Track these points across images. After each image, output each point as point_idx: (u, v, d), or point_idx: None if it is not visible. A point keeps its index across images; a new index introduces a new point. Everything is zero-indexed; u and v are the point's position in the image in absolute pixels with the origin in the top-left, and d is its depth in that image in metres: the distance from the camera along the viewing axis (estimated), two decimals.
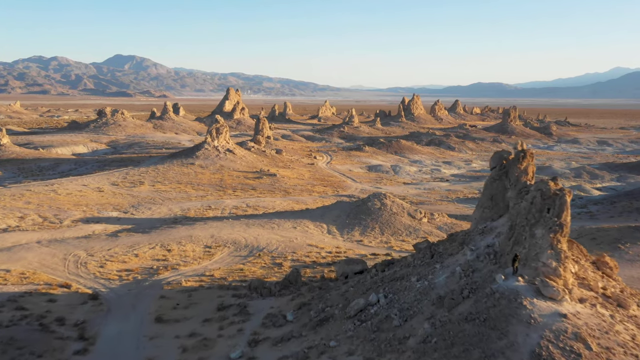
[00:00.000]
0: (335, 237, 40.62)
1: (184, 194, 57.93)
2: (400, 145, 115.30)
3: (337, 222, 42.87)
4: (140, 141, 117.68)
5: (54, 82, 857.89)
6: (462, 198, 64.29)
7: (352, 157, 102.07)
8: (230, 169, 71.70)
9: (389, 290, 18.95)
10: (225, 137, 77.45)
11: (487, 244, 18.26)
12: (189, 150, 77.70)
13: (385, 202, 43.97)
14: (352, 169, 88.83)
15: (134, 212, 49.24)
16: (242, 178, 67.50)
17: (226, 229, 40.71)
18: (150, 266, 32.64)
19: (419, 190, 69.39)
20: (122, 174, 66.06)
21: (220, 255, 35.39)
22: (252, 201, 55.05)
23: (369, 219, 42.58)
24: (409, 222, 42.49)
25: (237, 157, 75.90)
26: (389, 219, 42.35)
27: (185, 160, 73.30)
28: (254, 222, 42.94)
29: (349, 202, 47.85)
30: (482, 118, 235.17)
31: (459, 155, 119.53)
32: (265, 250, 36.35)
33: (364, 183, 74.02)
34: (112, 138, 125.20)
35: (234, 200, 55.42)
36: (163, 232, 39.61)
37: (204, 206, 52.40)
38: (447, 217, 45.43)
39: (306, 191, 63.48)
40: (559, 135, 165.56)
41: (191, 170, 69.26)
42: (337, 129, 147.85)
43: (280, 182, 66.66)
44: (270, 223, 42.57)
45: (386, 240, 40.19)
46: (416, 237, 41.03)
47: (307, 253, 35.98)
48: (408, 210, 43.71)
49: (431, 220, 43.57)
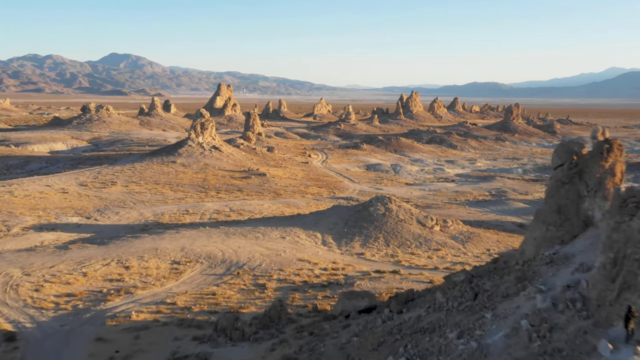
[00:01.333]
0: (331, 250, 34.05)
1: (160, 195, 51.21)
2: (400, 143, 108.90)
3: (333, 230, 36.30)
4: (124, 138, 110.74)
5: (49, 80, 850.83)
6: (473, 201, 57.88)
7: (349, 156, 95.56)
8: (216, 168, 64.98)
9: (414, 350, 12.48)
10: (210, 132, 70.71)
11: (566, 283, 11.87)
12: (171, 148, 70.93)
13: (390, 206, 37.43)
14: (349, 168, 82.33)
15: (97, 218, 42.50)
16: (228, 178, 60.80)
17: (201, 239, 34.05)
18: (99, 289, 25.96)
19: (423, 192, 62.91)
20: (93, 173, 59.24)
21: (190, 273, 28.74)
22: (237, 204, 48.39)
23: (372, 227, 36.03)
24: (418, 231, 35.97)
25: (223, 155, 69.18)
26: (395, 228, 35.82)
27: (166, 158, 66.54)
28: (236, 230, 36.29)
29: (347, 206, 41.27)
30: (481, 116, 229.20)
31: (462, 153, 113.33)
32: (246, 266, 29.73)
33: (362, 184, 67.51)
34: (95, 135, 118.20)
35: (216, 204, 48.74)
36: (124, 244, 32.90)
37: (180, 210, 45.71)
38: (462, 224, 38.93)
39: (299, 193, 56.89)
40: (563, 134, 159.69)
41: (172, 169, 62.52)
42: (333, 127, 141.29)
43: (270, 183, 60.03)
44: (255, 232, 35.95)
45: (392, 253, 33.66)
46: (427, 249, 34.56)
47: (297, 270, 29.40)
48: (417, 216, 37.19)
49: (444, 229, 37.08)
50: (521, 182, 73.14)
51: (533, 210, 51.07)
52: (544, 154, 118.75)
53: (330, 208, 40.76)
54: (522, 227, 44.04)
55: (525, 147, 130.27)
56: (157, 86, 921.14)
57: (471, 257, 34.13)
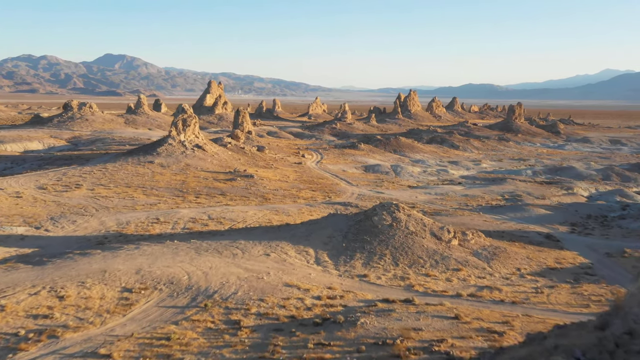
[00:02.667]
0: (326, 270, 27.48)
1: (130, 200, 44.46)
2: (400, 142, 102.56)
3: (329, 245, 29.72)
4: (105, 137, 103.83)
5: (43, 80, 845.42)
6: (486, 206, 51.47)
7: (346, 156, 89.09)
8: (198, 169, 58.28)
9: None
10: (193, 130, 64.00)
11: None
12: (150, 146, 64.16)
13: (398, 216, 30.91)
14: (346, 169, 75.84)
15: (49, 228, 35.75)
16: (211, 180, 54.11)
17: (165, 257, 27.38)
18: (14, 331, 19.30)
19: (429, 196, 56.45)
20: (57, 175, 52.41)
21: (143, 305, 22.11)
22: (217, 211, 41.73)
23: (376, 241, 29.48)
24: (433, 246, 29.45)
25: (207, 155, 62.46)
26: (404, 242, 29.29)
27: (143, 158, 59.77)
28: (209, 245, 29.63)
29: (345, 214, 34.68)
30: (480, 116, 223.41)
31: (465, 154, 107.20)
32: (218, 295, 23.13)
33: (361, 186, 61.02)
34: (75, 134, 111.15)
35: (194, 210, 42.06)
36: (66, 264, 26.20)
37: (150, 218, 39.00)
38: (484, 236, 32.46)
39: (290, 197, 50.30)
40: (567, 134, 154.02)
41: (148, 170, 55.78)
42: (329, 126, 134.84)
43: (258, 186, 53.40)
44: (233, 247, 29.32)
45: (402, 275, 27.12)
46: (445, 269, 28.05)
47: (283, 300, 22.82)
48: (431, 227, 30.68)
49: (464, 243, 30.59)
50: (535, 185, 66.87)
51: (557, 218, 44.61)
52: (550, 154, 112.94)
53: (325, 217, 34.19)
54: (550, 238, 37.69)
55: (530, 148, 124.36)
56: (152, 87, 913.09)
57: (499, 280, 27.69)
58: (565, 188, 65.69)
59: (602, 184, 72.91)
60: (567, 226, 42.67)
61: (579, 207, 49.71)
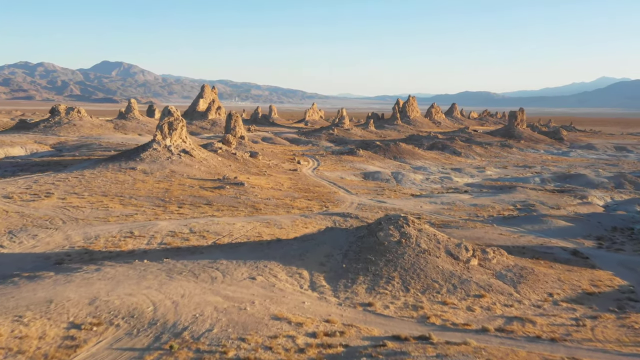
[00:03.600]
0: (323, 297, 22.90)
1: (104, 211, 39.80)
2: (400, 149, 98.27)
3: (327, 266, 25.16)
4: (92, 142, 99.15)
5: (40, 87, 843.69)
6: (498, 217, 47.00)
7: (344, 163, 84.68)
8: (184, 176, 53.67)
9: None
10: (180, 134, 59.46)
11: None
12: (133, 152, 59.57)
13: (407, 231, 26.39)
14: (344, 177, 71.38)
15: (4, 243, 31.02)
16: (197, 188, 49.50)
17: (129, 282, 22.76)
18: None
19: (435, 206, 51.96)
20: (28, 182, 47.71)
21: (92, 347, 17.48)
22: (201, 223, 37.10)
23: (382, 261, 24.94)
24: (449, 267, 24.92)
25: (194, 161, 57.88)
26: (416, 262, 24.74)
27: (125, 164, 55.15)
28: (185, 266, 25.02)
29: (345, 229, 30.11)
30: (480, 123, 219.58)
31: (467, 161, 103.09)
32: (188, 333, 18.50)
33: (361, 195, 56.53)
34: (61, 139, 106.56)
35: (174, 222, 37.42)
36: (3, 293, 21.51)
37: (123, 232, 34.35)
38: (506, 254, 27.94)
39: (283, 207, 45.69)
40: (570, 141, 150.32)
41: (129, 177, 51.14)
42: (326, 132, 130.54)
43: (249, 194, 48.80)
44: (213, 268, 24.72)
45: (415, 303, 22.56)
46: (466, 296, 23.51)
47: (269, 340, 18.21)
48: (446, 244, 26.16)
49: (484, 262, 26.07)
50: (547, 194, 62.52)
51: (579, 231, 40.01)
52: (555, 161, 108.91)
53: (322, 231, 29.62)
54: (578, 255, 33.21)
55: (534, 154, 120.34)
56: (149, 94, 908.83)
57: (530, 308, 23.16)
58: (579, 197, 61.38)
59: (616, 193, 68.75)
60: (592, 240, 38.23)
61: (600, 218, 45.31)
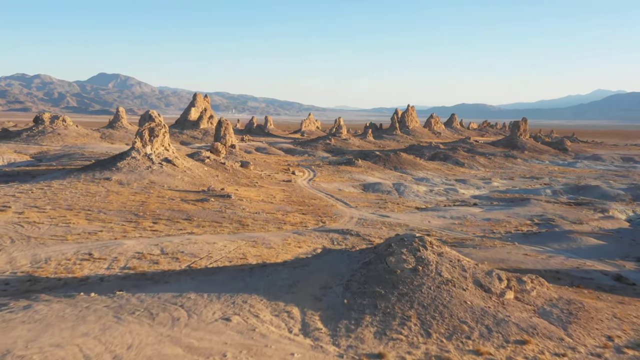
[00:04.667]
0: (319, 346, 17.38)
1: (64, 228, 34.25)
2: (401, 159, 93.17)
3: (323, 302, 19.68)
4: (75, 152, 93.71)
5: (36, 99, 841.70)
6: (517, 233, 41.62)
7: (342, 173, 79.42)
8: (164, 187, 48.19)
9: None
10: (162, 141, 54.10)
11: None
12: (109, 161, 54.13)
13: (424, 255, 20.99)
14: (342, 188, 66.05)
15: None
16: (178, 201, 43.98)
17: (61, 326, 17.23)
18: None
19: (444, 220, 46.58)
20: None
21: None
22: (175, 242, 31.55)
23: (394, 295, 19.50)
24: (480, 303, 19.49)
25: (177, 170, 52.44)
26: (437, 297, 19.31)
27: (100, 174, 49.66)
28: (142, 302, 19.51)
29: (347, 251, 24.60)
30: (480, 133, 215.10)
31: (471, 171, 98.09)
32: None
33: (361, 208, 51.15)
34: (43, 148, 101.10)
35: (144, 241, 31.87)
36: None
37: (81, 253, 28.79)
38: (547, 284, 22.54)
39: (274, 222, 40.19)
40: (575, 152, 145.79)
41: (102, 189, 45.62)
42: (323, 142, 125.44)
43: (235, 208, 43.31)
44: (177, 304, 19.22)
45: (439, 354, 17.07)
46: (504, 342, 18.01)
47: None
48: (473, 273, 20.75)
49: (522, 295, 20.66)
50: (563, 207, 57.29)
51: (614, 250, 33.95)
52: (563, 172, 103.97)
53: (318, 255, 24.16)
54: (622, 280, 27.82)
55: (540, 165, 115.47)
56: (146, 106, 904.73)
57: (588, 359, 17.70)
58: (599, 210, 56.18)
59: (636, 205, 63.64)
60: (632, 261, 32.88)
61: (633, 235, 40.02)
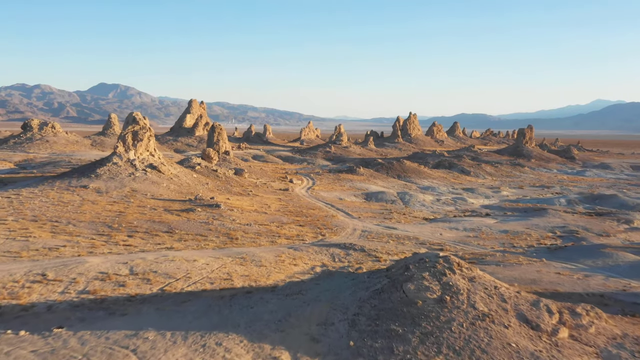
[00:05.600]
0: None
1: (22, 242, 29.58)
2: (405, 167, 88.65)
3: (322, 343, 14.99)
4: (62, 160, 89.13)
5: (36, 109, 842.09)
6: (541, 247, 36.92)
7: (343, 182, 74.86)
8: (147, 196, 43.57)
9: None
10: (147, 146, 49.62)
11: None
12: (88, 167, 49.60)
13: (452, 280, 16.32)
14: (343, 198, 61.46)
15: None
16: (160, 211, 39.35)
17: None
18: None
19: (458, 232, 41.90)
20: None
21: None
22: (149, 259, 26.87)
23: (415, 334, 14.81)
24: (528, 345, 14.81)
25: (163, 178, 47.88)
26: (472, 337, 14.62)
27: (77, 182, 45.10)
28: (81, 346, 14.83)
29: (352, 275, 19.88)
30: (483, 142, 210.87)
31: (478, 180, 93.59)
32: None
33: (364, 219, 46.50)
34: (30, 156, 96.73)
35: (113, 258, 27.18)
36: None
37: (33, 274, 24.10)
38: (605, 315, 17.83)
39: (267, 235, 35.53)
40: (582, 160, 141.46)
41: (77, 198, 40.99)
42: (322, 149, 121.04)
43: (224, 219, 38.66)
44: (127, 349, 14.54)
45: None
46: None
47: None
48: (515, 304, 16.09)
49: (578, 331, 16.00)
50: (584, 218, 52.64)
51: None
52: (574, 181, 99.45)
53: (316, 278, 19.48)
54: None
55: (548, 174, 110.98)
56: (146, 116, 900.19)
57: None
58: (623, 221, 51.50)
59: None
60: None
61: None
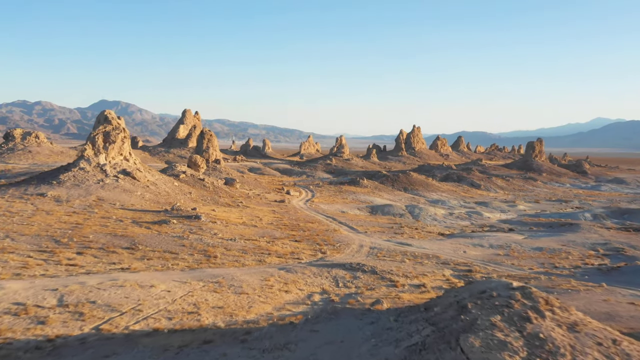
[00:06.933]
0: None
1: None
2: (411, 179, 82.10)
3: None
4: (42, 170, 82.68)
5: (37, 126, 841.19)
6: (589, 268, 30.13)
7: (345, 194, 68.27)
8: (116, 205, 36.95)
9: None
10: (121, 149, 43.18)
11: None
12: (52, 173, 43.15)
13: (543, 331, 9.56)
14: (346, 211, 54.82)
15: None
16: (127, 223, 32.67)
17: None
18: None
19: (483, 250, 35.13)
20: None
21: None
22: (91, 284, 20.13)
23: None
24: None
25: (137, 185, 41.31)
26: None
27: (34, 189, 38.55)
28: None
29: (366, 312, 13.21)
30: (488, 157, 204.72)
31: (489, 194, 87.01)
32: None
33: (372, 234, 39.77)
34: (8, 166, 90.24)
35: (42, 282, 20.44)
36: None
37: None
38: None
39: (254, 252, 28.75)
40: (595, 175, 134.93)
41: (29, 207, 34.39)
42: (323, 162, 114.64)
43: (204, 232, 31.94)
44: None
45: None
46: None
47: None
48: None
49: None
50: (622, 234, 45.93)
51: None
52: (591, 195, 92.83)
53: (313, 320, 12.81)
54: None
55: (562, 188, 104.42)
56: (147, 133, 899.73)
57: None
58: None
59: None
60: None
61: None
